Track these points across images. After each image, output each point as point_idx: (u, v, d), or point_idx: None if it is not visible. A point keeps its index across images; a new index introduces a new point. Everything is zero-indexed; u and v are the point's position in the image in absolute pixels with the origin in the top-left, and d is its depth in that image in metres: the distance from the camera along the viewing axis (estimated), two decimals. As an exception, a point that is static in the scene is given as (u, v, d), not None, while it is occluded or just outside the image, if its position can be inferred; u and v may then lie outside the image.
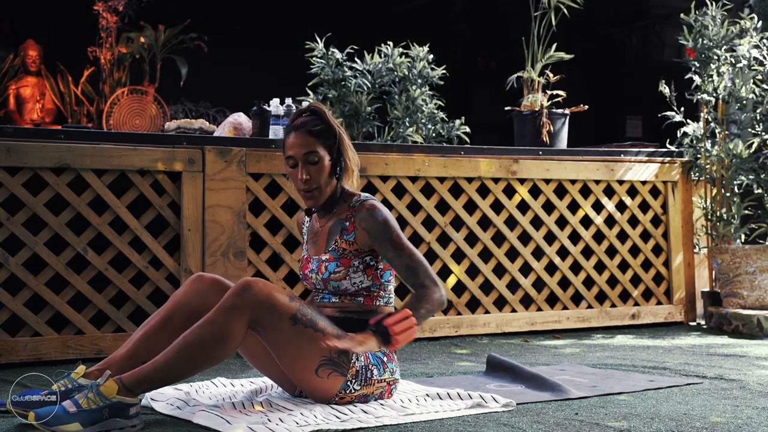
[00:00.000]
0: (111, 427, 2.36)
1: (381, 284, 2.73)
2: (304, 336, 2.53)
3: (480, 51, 10.02)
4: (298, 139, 2.69)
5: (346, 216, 2.74)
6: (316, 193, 2.71)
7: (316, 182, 2.70)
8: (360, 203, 2.72)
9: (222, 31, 8.08)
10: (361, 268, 2.69)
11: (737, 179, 4.97)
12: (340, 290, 2.71)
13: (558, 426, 2.45)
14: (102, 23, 6.70)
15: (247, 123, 4.41)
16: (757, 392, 2.96)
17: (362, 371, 2.61)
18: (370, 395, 2.66)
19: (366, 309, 2.71)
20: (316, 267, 2.75)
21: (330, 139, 2.71)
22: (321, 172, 2.70)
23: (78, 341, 3.76)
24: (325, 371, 2.56)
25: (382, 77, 4.75)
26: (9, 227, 3.68)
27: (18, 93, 7.39)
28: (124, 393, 2.39)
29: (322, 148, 2.70)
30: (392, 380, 2.72)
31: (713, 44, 4.96)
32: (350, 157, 2.75)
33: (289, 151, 2.70)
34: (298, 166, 2.69)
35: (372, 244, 2.69)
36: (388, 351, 2.68)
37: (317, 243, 2.80)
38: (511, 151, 4.70)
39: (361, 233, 2.69)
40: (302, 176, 2.68)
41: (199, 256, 3.95)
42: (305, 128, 2.69)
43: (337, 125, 2.74)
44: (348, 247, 2.70)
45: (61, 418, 2.32)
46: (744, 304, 4.78)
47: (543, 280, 4.72)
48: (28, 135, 3.81)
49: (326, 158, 2.70)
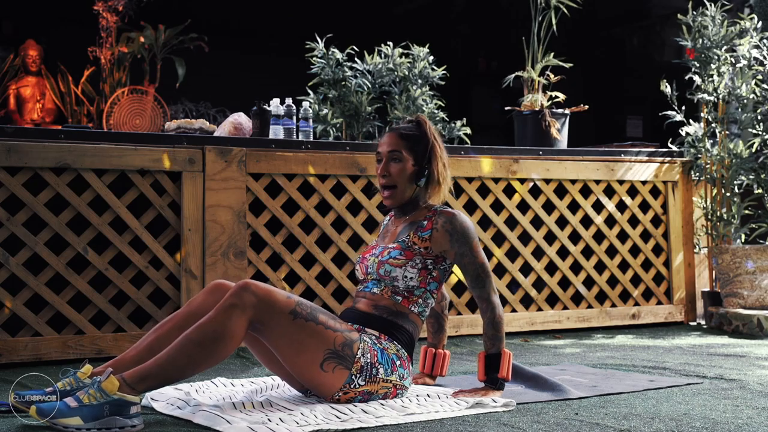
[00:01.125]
0: (111, 425, 2.36)
1: (425, 291, 2.81)
2: (305, 330, 2.56)
3: (480, 51, 10.02)
4: (388, 138, 2.87)
5: (425, 216, 2.85)
6: (392, 191, 2.85)
7: (394, 181, 2.84)
8: (442, 209, 2.84)
9: (222, 31, 8.07)
10: (418, 266, 2.78)
11: (737, 179, 4.97)
12: (389, 278, 2.77)
13: (558, 426, 2.45)
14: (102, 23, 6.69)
15: (248, 123, 4.41)
16: (757, 392, 2.96)
17: (367, 367, 2.63)
18: (374, 393, 2.67)
19: (398, 311, 2.77)
20: (379, 252, 2.84)
21: (419, 147, 2.84)
22: (401, 173, 2.83)
23: (78, 341, 3.76)
24: (330, 365, 2.58)
25: (383, 77, 4.75)
26: (9, 227, 3.68)
27: (18, 93, 7.39)
28: (125, 390, 2.40)
29: (408, 151, 2.83)
30: (400, 385, 2.73)
31: (713, 44, 4.96)
32: (440, 170, 2.87)
33: (378, 148, 2.89)
34: (382, 162, 2.86)
35: (451, 247, 2.78)
36: (404, 356, 2.74)
37: (388, 237, 2.91)
38: (511, 151, 4.71)
39: (442, 234, 2.79)
40: (382, 171, 2.85)
41: (199, 256, 3.95)
42: (398, 131, 2.87)
43: (434, 138, 2.87)
44: (418, 243, 2.79)
45: (62, 411, 2.34)
46: (744, 304, 4.78)
47: (543, 280, 4.72)
48: (28, 135, 3.81)
49: (410, 161, 2.84)
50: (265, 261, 4.14)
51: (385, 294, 2.78)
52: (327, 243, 4.28)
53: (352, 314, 2.79)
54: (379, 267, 2.79)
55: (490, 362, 2.81)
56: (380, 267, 2.78)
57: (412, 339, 2.79)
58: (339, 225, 4.32)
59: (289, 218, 4.19)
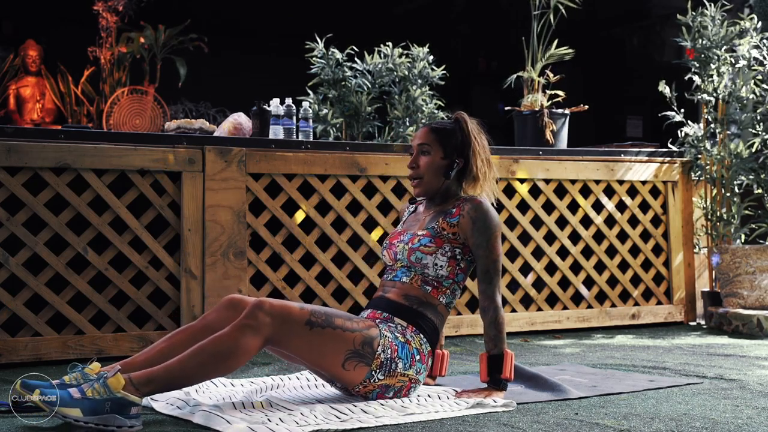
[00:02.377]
0: (110, 422, 2.35)
1: (453, 282, 2.85)
2: (323, 336, 2.59)
3: (480, 51, 10.02)
4: (421, 132, 2.95)
5: (453, 204, 2.89)
6: (419, 181, 2.92)
7: (421, 173, 2.91)
8: (471, 197, 2.88)
9: (222, 31, 8.08)
10: (448, 254, 2.82)
11: (737, 179, 4.97)
12: (420, 265, 2.80)
13: (558, 426, 2.45)
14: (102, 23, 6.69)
15: (248, 123, 4.41)
16: (757, 392, 2.96)
17: (387, 363, 2.67)
18: (391, 386, 2.71)
19: (428, 302, 2.81)
20: (408, 238, 2.88)
21: (450, 141, 2.91)
22: (429, 165, 2.90)
23: (78, 341, 3.76)
24: (351, 363, 2.63)
25: (382, 77, 4.75)
26: (9, 227, 3.68)
27: (18, 93, 7.39)
28: (130, 389, 2.40)
29: (438, 145, 2.90)
30: (415, 379, 2.76)
31: (713, 44, 4.96)
32: (479, 166, 2.93)
33: (412, 141, 2.99)
34: (413, 154, 2.94)
35: (471, 234, 2.82)
36: (425, 351, 2.77)
37: (417, 225, 2.94)
38: (511, 151, 4.71)
39: (467, 220, 2.83)
40: (410, 163, 2.94)
41: (199, 256, 3.95)
42: (431, 125, 2.97)
43: (473, 134, 2.94)
44: (447, 229, 2.84)
45: (64, 400, 2.34)
46: (744, 304, 4.78)
47: (543, 280, 4.72)
48: (28, 135, 3.81)
49: (438, 155, 2.90)
50: (265, 261, 4.14)
51: (414, 283, 2.82)
52: (327, 243, 4.28)
53: (382, 303, 2.83)
54: (410, 254, 2.83)
55: (493, 363, 2.82)
56: (411, 254, 2.83)
57: (437, 331, 2.83)
58: (339, 225, 4.32)
59: (289, 218, 4.19)
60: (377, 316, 2.79)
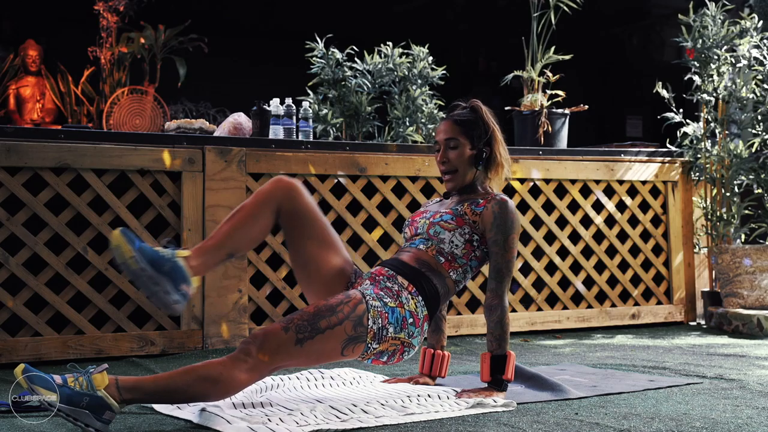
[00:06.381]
0: (80, 417, 2.31)
1: (466, 264, 2.86)
2: (315, 344, 2.57)
3: (480, 51, 10.02)
4: (444, 126, 2.96)
5: (483, 196, 2.93)
6: (453, 175, 2.93)
7: (454, 166, 2.92)
8: (501, 196, 2.90)
9: (222, 31, 8.07)
10: (466, 236, 2.84)
11: (737, 179, 4.97)
12: (437, 238, 2.83)
13: (558, 426, 2.45)
14: (102, 23, 6.69)
15: (247, 123, 4.41)
16: (757, 392, 2.96)
17: (379, 332, 2.66)
18: (384, 351, 2.70)
19: (438, 271, 2.82)
20: (430, 215, 2.91)
21: (475, 131, 2.93)
22: (460, 158, 2.92)
23: (78, 341, 3.76)
24: (349, 348, 2.63)
25: (382, 77, 4.75)
26: (9, 227, 3.68)
27: (18, 93, 7.38)
28: (112, 391, 2.35)
29: (464, 137, 2.92)
30: (407, 342, 2.73)
31: (713, 44, 4.96)
32: (500, 152, 2.97)
33: (436, 137, 2.98)
34: (440, 150, 2.94)
35: (490, 228, 2.84)
36: (420, 315, 2.75)
37: (443, 207, 2.97)
38: (511, 151, 4.67)
39: (490, 213, 2.84)
40: (441, 159, 2.94)
41: (199, 256, 3.94)
42: (453, 117, 2.96)
43: (491, 122, 2.96)
44: (470, 215, 2.86)
45: (46, 381, 2.30)
46: (744, 303, 4.78)
47: (543, 280, 4.72)
48: (28, 135, 3.81)
49: (467, 146, 2.93)
50: (265, 261, 4.14)
51: (429, 251, 2.84)
52: (327, 243, 4.27)
53: (392, 262, 2.85)
54: (429, 227, 2.86)
55: (496, 363, 2.81)
56: (431, 227, 2.86)
57: (437, 296, 2.81)
58: (339, 225, 4.32)
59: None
60: (382, 272, 2.79)
